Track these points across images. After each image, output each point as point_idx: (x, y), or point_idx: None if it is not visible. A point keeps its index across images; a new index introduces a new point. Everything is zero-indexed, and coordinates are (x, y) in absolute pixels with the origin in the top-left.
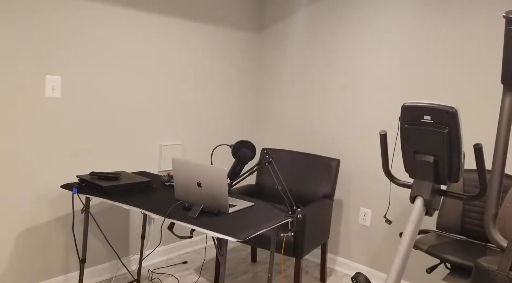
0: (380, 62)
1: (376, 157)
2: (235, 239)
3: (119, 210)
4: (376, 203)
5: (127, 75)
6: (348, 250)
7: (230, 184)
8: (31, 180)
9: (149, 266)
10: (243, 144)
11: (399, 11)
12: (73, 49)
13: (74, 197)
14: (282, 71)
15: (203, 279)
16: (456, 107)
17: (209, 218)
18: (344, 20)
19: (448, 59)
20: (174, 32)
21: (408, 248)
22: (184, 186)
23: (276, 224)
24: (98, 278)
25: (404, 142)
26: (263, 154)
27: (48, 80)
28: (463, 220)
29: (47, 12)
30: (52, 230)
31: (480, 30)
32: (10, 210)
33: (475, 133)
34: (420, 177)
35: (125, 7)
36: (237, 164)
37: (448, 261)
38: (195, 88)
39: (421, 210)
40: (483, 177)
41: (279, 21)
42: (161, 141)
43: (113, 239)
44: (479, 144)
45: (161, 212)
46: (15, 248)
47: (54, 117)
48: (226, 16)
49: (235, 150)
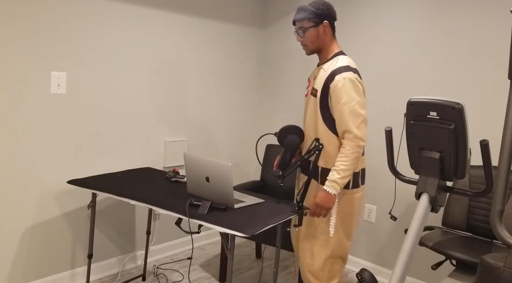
0: (385, 59)
1: (381, 154)
2: (243, 234)
3: (124, 205)
4: (381, 200)
5: (132, 72)
6: (353, 246)
7: (281, 175)
8: (37, 176)
9: (154, 261)
10: (289, 129)
11: (405, 9)
12: (79, 45)
13: (81, 193)
14: (286, 67)
15: (208, 275)
16: (462, 102)
17: (217, 214)
18: (348, 17)
19: (454, 54)
20: (179, 29)
21: (413, 245)
22: (195, 181)
23: (282, 219)
24: (104, 273)
25: (410, 138)
26: (313, 141)
27: (54, 77)
28: (469, 217)
29: (52, 8)
30: (58, 226)
31: (487, 26)
32: (17, 206)
33: (482, 129)
34: (425, 173)
35: (130, 4)
36: (286, 152)
37: (454, 258)
38: (199, 84)
39: (427, 206)
40: (490, 173)
41: (283, 17)
42: (166, 137)
43: (119, 234)
44: (486, 140)
45: (175, 210)
46: (23, 244)
47: (60, 113)
48: (230, 13)
49: (281, 137)
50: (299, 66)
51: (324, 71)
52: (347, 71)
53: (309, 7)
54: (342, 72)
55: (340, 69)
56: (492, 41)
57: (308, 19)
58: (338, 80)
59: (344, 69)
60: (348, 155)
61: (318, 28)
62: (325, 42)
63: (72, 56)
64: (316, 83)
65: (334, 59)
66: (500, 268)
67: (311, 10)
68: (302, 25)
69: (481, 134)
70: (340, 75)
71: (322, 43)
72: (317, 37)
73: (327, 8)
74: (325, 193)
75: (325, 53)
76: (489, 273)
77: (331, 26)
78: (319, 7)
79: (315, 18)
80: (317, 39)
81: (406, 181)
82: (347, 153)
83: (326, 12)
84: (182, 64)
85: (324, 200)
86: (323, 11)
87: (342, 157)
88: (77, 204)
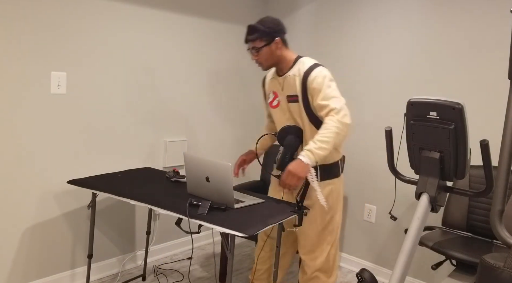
0: (385, 59)
1: (381, 154)
2: (243, 234)
3: (124, 205)
4: (381, 200)
5: (132, 72)
6: (353, 246)
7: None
8: (37, 176)
9: (154, 261)
10: (289, 129)
11: (405, 9)
12: (79, 45)
13: (81, 193)
14: None
15: (208, 275)
16: (462, 102)
17: (217, 214)
18: (348, 18)
19: (454, 54)
20: (178, 29)
21: (413, 245)
22: (195, 181)
23: (282, 219)
24: (104, 273)
25: (410, 138)
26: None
27: (54, 77)
28: (469, 217)
29: (52, 8)
30: (58, 226)
31: (487, 25)
32: (17, 206)
33: (482, 129)
34: (425, 173)
35: (130, 4)
36: (286, 152)
37: (454, 258)
38: (199, 84)
39: (427, 206)
40: (490, 173)
41: (283, 18)
42: (166, 137)
43: (119, 234)
44: (486, 140)
45: (175, 210)
46: (23, 244)
47: (60, 113)
48: (230, 13)
49: (281, 137)
50: None
51: (294, 76)
52: (317, 67)
53: (260, 27)
54: (314, 69)
55: (312, 67)
56: (492, 41)
57: (260, 38)
58: (315, 75)
59: (315, 66)
60: (329, 128)
61: (270, 46)
62: (280, 56)
63: (72, 56)
64: (290, 90)
65: (299, 63)
66: (500, 268)
67: (262, 30)
68: (255, 45)
69: (481, 134)
70: (314, 71)
71: (277, 58)
72: (271, 54)
73: (277, 25)
74: (298, 161)
75: (285, 64)
76: (489, 273)
77: (282, 40)
78: (268, 25)
79: (267, 36)
80: (271, 56)
81: (406, 181)
82: (328, 126)
83: (277, 29)
84: (182, 64)
85: (297, 168)
86: (273, 29)
87: (323, 129)
88: (77, 204)
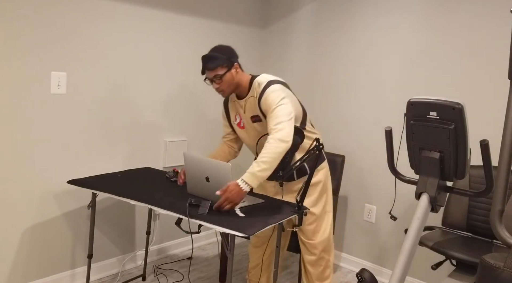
0: (385, 59)
1: (381, 154)
2: (243, 234)
3: (124, 205)
4: (381, 200)
5: (132, 72)
6: (353, 246)
7: (282, 175)
8: (37, 176)
9: (154, 261)
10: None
11: (404, 9)
12: (79, 45)
13: (81, 193)
14: (286, 68)
15: (208, 275)
16: (462, 102)
17: (217, 214)
18: (348, 18)
19: (454, 54)
20: (178, 29)
21: (413, 245)
22: (195, 181)
23: (282, 219)
24: (104, 273)
25: (410, 138)
26: (313, 141)
27: (54, 77)
28: (469, 217)
29: (52, 8)
30: (58, 226)
31: (487, 26)
32: (17, 206)
33: (482, 129)
34: (425, 173)
35: (130, 4)
36: (286, 153)
37: (454, 258)
38: (199, 84)
39: (427, 206)
40: (490, 173)
41: (283, 18)
42: (166, 137)
43: (119, 234)
44: (486, 140)
45: (175, 210)
46: (23, 244)
47: (60, 113)
48: (230, 13)
49: None
50: (298, 66)
51: (253, 97)
52: (269, 87)
53: (218, 55)
54: (266, 90)
55: (264, 88)
56: (492, 41)
57: (221, 65)
58: (265, 96)
59: (267, 85)
60: (270, 149)
61: (231, 71)
62: (239, 80)
63: (72, 56)
64: (252, 112)
65: (254, 83)
66: (500, 268)
67: (221, 57)
68: (217, 73)
69: (481, 134)
70: (265, 92)
71: (237, 82)
72: (233, 79)
73: (231, 51)
74: (238, 188)
75: (243, 87)
76: (489, 273)
77: (239, 64)
78: (225, 52)
79: (226, 63)
80: (233, 81)
81: (406, 181)
82: (270, 147)
83: (232, 54)
84: (182, 64)
85: (234, 193)
86: (230, 55)
87: (265, 150)
88: (77, 204)
